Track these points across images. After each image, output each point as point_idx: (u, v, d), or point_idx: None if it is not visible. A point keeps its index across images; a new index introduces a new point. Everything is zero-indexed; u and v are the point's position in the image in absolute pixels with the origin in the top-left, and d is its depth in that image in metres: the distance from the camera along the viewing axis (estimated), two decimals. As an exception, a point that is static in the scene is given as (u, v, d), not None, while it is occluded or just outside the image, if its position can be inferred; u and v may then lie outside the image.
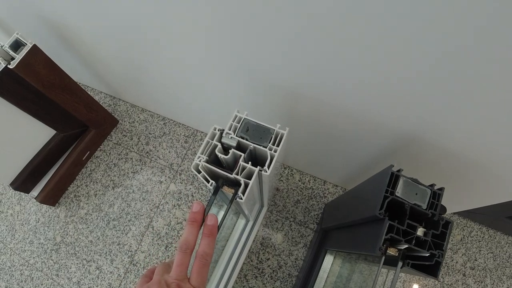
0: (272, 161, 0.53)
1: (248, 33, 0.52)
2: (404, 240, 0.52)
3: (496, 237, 1.02)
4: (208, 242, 0.37)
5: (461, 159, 0.59)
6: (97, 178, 1.04)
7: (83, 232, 1.02)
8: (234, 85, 0.69)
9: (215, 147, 0.54)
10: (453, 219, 1.00)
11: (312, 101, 0.62)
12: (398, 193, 0.54)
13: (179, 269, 0.35)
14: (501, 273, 1.01)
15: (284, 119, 0.73)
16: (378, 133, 0.62)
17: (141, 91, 0.97)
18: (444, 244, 0.53)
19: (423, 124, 0.55)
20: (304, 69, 0.54)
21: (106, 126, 1.06)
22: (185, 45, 0.63)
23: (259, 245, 0.94)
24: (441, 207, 0.60)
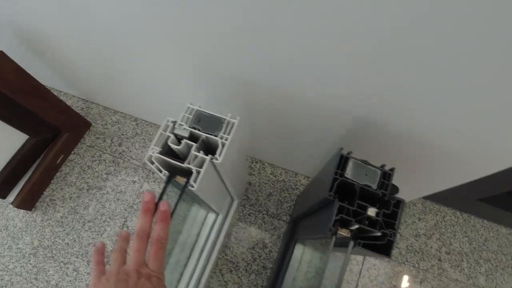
0: (223, 149, 0.54)
1: (197, 27, 0.53)
2: (355, 220, 0.52)
3: (470, 221, 1.02)
4: (162, 226, 0.38)
5: (419, 141, 0.59)
6: (72, 181, 1.05)
7: (59, 235, 1.02)
8: (195, 82, 0.70)
9: (168, 138, 0.55)
10: (426, 205, 1.01)
11: (266, 91, 0.62)
12: (347, 174, 0.55)
13: (137, 254, 0.35)
14: (478, 256, 1.01)
15: (244, 112, 0.73)
16: (334, 120, 0.63)
17: (110, 91, 0.98)
18: (396, 223, 0.53)
19: (374, 107, 0.55)
20: (251, 58, 0.55)
21: (79, 130, 1.07)
22: (145, 45, 0.63)
23: (233, 239, 0.95)
24: (392, 187, 0.61)
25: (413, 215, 1.00)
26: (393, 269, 0.95)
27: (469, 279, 0.99)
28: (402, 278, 0.94)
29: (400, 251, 0.96)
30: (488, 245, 1.03)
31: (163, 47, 0.62)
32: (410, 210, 1.00)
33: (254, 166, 1.00)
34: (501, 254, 1.04)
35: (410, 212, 1.00)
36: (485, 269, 1.01)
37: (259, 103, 0.68)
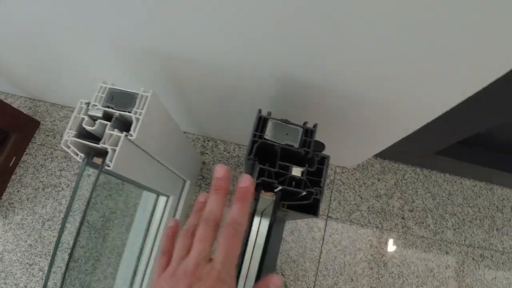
0: (137, 124, 0.52)
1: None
2: (278, 182, 0.51)
3: (432, 176, 1.02)
4: (240, 207, 0.29)
5: (348, 96, 0.57)
6: (27, 182, 1.03)
7: (21, 237, 1.01)
8: (116, 61, 0.68)
9: (83, 120, 0.53)
10: (384, 165, 0.99)
11: (185, 63, 0.60)
12: (267, 136, 0.53)
13: (201, 246, 0.28)
14: (443, 211, 1.01)
15: (169, 87, 0.71)
16: (258, 83, 0.61)
17: (52, 86, 0.95)
18: (321, 181, 0.52)
19: (296, 66, 0.52)
20: (163, 29, 0.52)
21: (28, 129, 1.04)
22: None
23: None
24: (317, 144, 0.59)
25: (372, 176, 0.98)
26: (356, 232, 0.94)
27: (436, 234, 0.99)
28: (367, 240, 0.94)
29: (362, 213, 0.95)
30: (453, 199, 1.02)
31: (81, 33, 0.60)
32: (368, 171, 0.99)
33: (207, 144, 0.99)
34: (467, 207, 1.03)
35: (369, 174, 0.99)
36: (452, 223, 1.01)
37: (182, 76, 0.66)
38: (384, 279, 0.92)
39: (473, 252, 1.00)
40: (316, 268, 0.91)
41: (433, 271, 0.96)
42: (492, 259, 1.01)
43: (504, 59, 0.38)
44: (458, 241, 1.00)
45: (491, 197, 1.06)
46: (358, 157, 0.87)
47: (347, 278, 0.91)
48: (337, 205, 0.95)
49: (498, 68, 0.40)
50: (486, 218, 1.04)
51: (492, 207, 1.05)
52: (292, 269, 0.91)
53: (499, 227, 1.04)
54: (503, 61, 0.38)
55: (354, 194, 0.97)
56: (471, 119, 0.70)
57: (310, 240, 0.93)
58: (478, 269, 0.99)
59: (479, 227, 1.03)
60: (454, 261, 0.98)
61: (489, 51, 0.37)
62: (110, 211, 0.96)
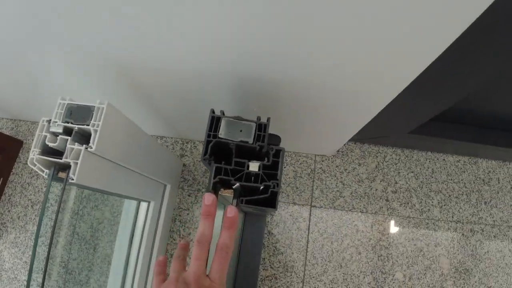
0: (96, 135, 0.53)
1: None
2: (234, 178, 0.52)
3: (413, 156, 1.02)
4: (229, 234, 0.36)
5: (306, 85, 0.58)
6: (16, 201, 1.05)
7: (17, 255, 1.04)
8: (78, 74, 0.69)
9: (45, 138, 0.55)
10: (364, 149, 1.00)
11: (143, 70, 0.61)
12: (221, 134, 0.54)
13: (198, 263, 0.34)
14: (427, 189, 1.01)
15: (133, 95, 0.72)
16: (216, 82, 0.61)
17: (30, 104, 0.97)
18: (277, 174, 0.52)
19: (248, 61, 0.53)
20: (118, 42, 0.53)
21: (12, 150, 1.07)
22: None
23: (178, 222, 0.95)
24: (272, 137, 0.60)
25: (353, 161, 0.99)
26: (341, 219, 0.95)
27: (422, 213, 0.99)
28: (352, 226, 0.94)
29: (345, 199, 0.96)
30: (437, 176, 1.02)
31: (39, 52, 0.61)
32: (348, 157, 0.99)
33: (185, 146, 1.00)
34: (452, 183, 1.03)
35: (349, 159, 0.99)
36: (438, 200, 1.01)
37: (143, 84, 0.67)
38: (373, 262, 0.93)
39: (462, 227, 1.00)
40: (304, 258, 0.92)
41: (423, 250, 0.96)
42: (482, 233, 1.01)
43: (454, 28, 0.37)
44: (446, 218, 1.00)
45: (476, 170, 1.06)
46: (334, 144, 0.87)
47: (336, 265, 0.92)
48: (320, 193, 0.96)
49: (447, 37, 0.39)
50: (472, 192, 1.04)
51: (478, 181, 1.05)
52: (281, 261, 0.92)
53: (487, 200, 1.04)
54: (451, 31, 0.38)
55: (336, 181, 0.97)
56: (435, 95, 0.70)
57: (295, 231, 0.93)
58: (469, 245, 0.99)
59: (466, 202, 1.02)
60: (444, 239, 0.98)
61: (438, 19, 0.36)
62: (97, 222, 0.98)
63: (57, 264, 1.00)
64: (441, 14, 0.35)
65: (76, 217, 0.99)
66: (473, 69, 0.62)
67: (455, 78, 0.65)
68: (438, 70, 0.49)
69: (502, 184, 1.06)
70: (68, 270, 0.99)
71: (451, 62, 0.57)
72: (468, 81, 0.66)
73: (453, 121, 0.95)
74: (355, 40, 0.42)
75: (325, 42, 0.44)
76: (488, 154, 1.05)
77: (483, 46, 0.55)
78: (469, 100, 0.84)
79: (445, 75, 0.63)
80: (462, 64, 0.60)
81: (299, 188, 0.96)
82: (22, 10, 0.49)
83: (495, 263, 0.99)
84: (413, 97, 0.68)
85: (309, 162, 0.98)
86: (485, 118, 0.95)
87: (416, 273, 0.94)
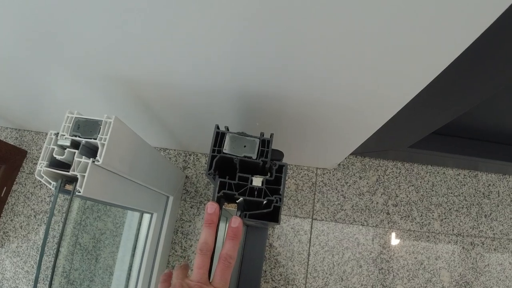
0: (103, 149, 0.54)
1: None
2: (238, 193, 0.52)
3: (414, 169, 1.03)
4: (233, 244, 0.36)
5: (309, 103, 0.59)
6: (19, 210, 1.06)
7: (18, 264, 1.04)
8: (89, 90, 0.70)
9: (53, 150, 0.56)
10: (365, 162, 1.01)
11: (149, 85, 0.62)
12: (226, 149, 0.55)
13: (201, 271, 0.34)
14: (428, 202, 1.02)
15: (140, 108, 0.73)
16: (223, 99, 0.62)
17: (34, 114, 0.98)
18: (280, 188, 0.53)
19: (251, 78, 0.54)
20: (125, 58, 0.54)
21: (16, 159, 1.07)
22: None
23: (180, 234, 0.96)
24: (274, 153, 0.61)
25: (353, 175, 1.00)
26: (342, 231, 0.95)
27: (423, 227, 0.99)
28: (353, 239, 0.95)
29: (346, 212, 0.97)
30: (437, 190, 1.03)
31: (46, 68, 0.62)
32: (349, 170, 1.00)
33: (188, 159, 1.01)
34: (452, 196, 1.04)
35: (350, 172, 1.00)
36: (438, 214, 1.01)
37: (149, 99, 0.68)
38: (374, 275, 0.93)
39: (463, 240, 1.01)
40: (306, 271, 0.92)
41: (423, 264, 0.97)
42: (483, 246, 1.02)
43: (456, 45, 0.38)
44: (446, 231, 1.00)
45: (476, 184, 1.06)
46: (335, 158, 0.88)
47: (337, 278, 0.92)
48: (321, 206, 0.97)
49: (448, 54, 0.40)
50: (473, 205, 1.04)
51: (478, 194, 1.06)
52: (282, 274, 0.92)
53: (487, 213, 1.05)
54: (453, 48, 0.39)
55: (337, 194, 0.98)
56: (436, 110, 0.71)
57: (297, 244, 0.94)
58: (469, 257, 1.00)
59: (466, 215, 1.03)
60: (444, 252, 0.98)
61: (441, 34, 0.37)
62: (100, 232, 0.98)
63: (59, 274, 1.00)
64: (443, 31, 0.36)
65: (79, 227, 1.00)
66: (475, 85, 0.63)
67: (456, 93, 0.66)
68: (438, 85, 0.51)
69: (502, 197, 1.07)
70: (70, 280, 0.99)
71: (452, 77, 0.58)
72: (469, 96, 0.67)
73: (453, 135, 0.96)
74: (359, 59, 0.44)
75: (329, 61, 0.45)
76: (488, 168, 1.06)
77: (485, 62, 0.56)
78: (470, 114, 0.86)
79: (446, 90, 0.64)
80: (464, 80, 0.61)
81: (300, 201, 0.97)
82: (30, 29, 0.51)
83: (495, 276, 1.00)
84: (414, 112, 0.69)
85: (311, 175, 0.99)
86: (485, 132, 0.96)
87: (417, 286, 0.95)
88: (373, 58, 0.43)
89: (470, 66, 0.56)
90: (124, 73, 0.59)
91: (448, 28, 0.35)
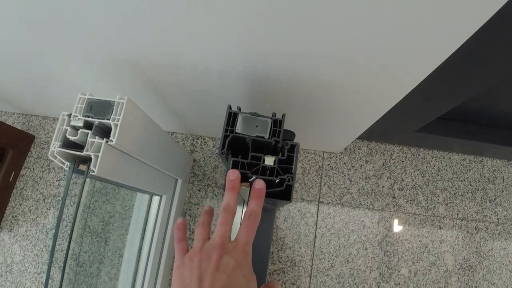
0: (116, 130, 0.55)
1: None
2: (251, 172, 0.53)
3: (419, 154, 1.03)
4: (257, 204, 0.37)
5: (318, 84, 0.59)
6: (28, 194, 1.07)
7: (28, 248, 1.05)
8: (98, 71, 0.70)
9: (66, 131, 0.56)
10: (371, 146, 1.01)
11: (158, 67, 0.62)
12: (238, 129, 0.55)
13: (223, 227, 0.35)
14: (433, 187, 1.02)
15: (149, 92, 0.73)
16: (233, 81, 0.62)
17: (42, 99, 0.98)
18: (292, 168, 0.54)
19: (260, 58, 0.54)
20: (134, 41, 0.54)
21: (24, 144, 1.08)
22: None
23: (188, 217, 0.97)
24: (287, 133, 0.61)
25: (360, 159, 1.00)
26: (348, 215, 0.96)
27: (428, 210, 1.00)
28: (359, 222, 0.96)
29: (352, 196, 0.98)
30: (442, 175, 1.04)
31: (57, 51, 0.62)
32: (356, 154, 1.01)
33: (196, 142, 1.01)
34: (457, 181, 1.04)
35: (357, 156, 1.01)
36: (443, 198, 1.02)
37: (158, 80, 0.68)
38: (379, 258, 0.95)
39: (467, 225, 1.02)
40: (312, 253, 0.94)
41: (428, 247, 0.98)
42: (487, 230, 1.03)
43: (468, 23, 0.38)
44: (451, 216, 1.01)
45: (481, 169, 1.07)
46: (342, 141, 0.89)
47: (342, 260, 0.94)
48: (328, 189, 0.98)
49: (457, 38, 0.41)
50: (477, 190, 1.05)
51: (483, 179, 1.06)
52: (289, 256, 0.93)
53: (491, 198, 1.05)
54: (462, 31, 0.39)
55: (344, 177, 0.99)
56: (443, 94, 0.71)
57: (303, 226, 0.95)
58: (473, 242, 1.01)
59: (471, 200, 1.04)
60: (448, 236, 1.00)
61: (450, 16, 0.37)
62: (109, 215, 1.00)
63: (69, 256, 1.02)
64: (454, 13, 0.36)
65: (88, 210, 1.01)
66: (482, 69, 0.63)
67: (463, 77, 0.66)
68: (446, 69, 0.51)
69: (507, 183, 1.07)
70: (79, 262, 1.00)
71: (459, 61, 0.58)
72: (476, 81, 0.68)
73: (460, 120, 0.96)
74: (369, 41, 0.44)
75: (339, 43, 0.45)
76: (494, 153, 1.07)
77: (494, 46, 0.56)
78: (476, 99, 0.86)
79: (453, 75, 0.64)
80: (471, 64, 0.61)
81: (307, 184, 0.98)
82: (39, 12, 0.51)
83: (499, 261, 1.01)
84: (421, 96, 0.69)
85: (317, 159, 1.00)
86: (491, 117, 0.97)
87: (421, 269, 0.96)
88: (384, 39, 0.43)
89: (479, 50, 0.56)
90: (133, 55, 0.59)
91: (460, 7, 0.35)
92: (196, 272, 0.31)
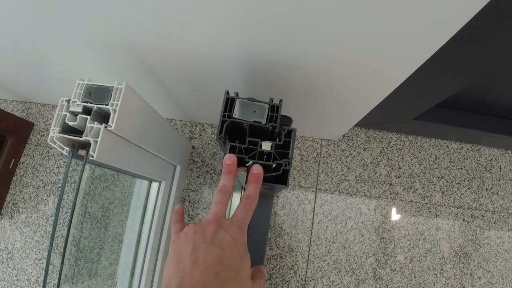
0: (115, 115, 0.55)
1: None
2: (248, 156, 0.54)
3: (417, 142, 1.04)
4: (254, 187, 0.38)
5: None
6: (28, 182, 1.08)
7: (28, 234, 1.06)
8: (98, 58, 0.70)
9: (65, 117, 0.57)
10: (369, 134, 1.02)
11: (157, 53, 0.62)
12: (235, 115, 0.56)
13: (218, 206, 0.35)
14: (430, 175, 1.03)
15: (148, 78, 0.73)
16: (231, 67, 0.63)
17: (40, 86, 0.99)
18: (289, 153, 0.54)
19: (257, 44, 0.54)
20: (134, 28, 0.54)
21: (23, 132, 1.09)
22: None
23: (187, 203, 0.98)
24: (284, 118, 0.61)
25: (358, 146, 1.01)
26: (345, 201, 0.97)
27: (424, 198, 1.01)
28: (356, 208, 0.97)
29: (350, 183, 0.98)
30: (440, 163, 1.04)
31: (56, 37, 0.62)
32: (354, 142, 1.01)
33: (194, 129, 1.02)
34: (454, 169, 1.05)
35: (354, 144, 1.01)
36: (440, 186, 1.03)
37: (157, 67, 0.68)
38: (375, 244, 0.96)
39: (463, 213, 1.03)
40: (309, 239, 0.95)
41: (424, 234, 0.99)
42: (483, 219, 1.04)
43: (467, 6, 0.38)
44: (447, 203, 1.02)
45: (478, 158, 1.08)
46: (340, 129, 0.89)
47: (339, 246, 0.95)
48: (325, 176, 0.98)
49: (455, 23, 0.41)
50: (474, 179, 1.06)
51: (480, 168, 1.07)
52: (286, 241, 0.94)
53: (488, 187, 1.06)
54: (460, 16, 0.39)
55: (341, 165, 1.00)
56: (440, 81, 0.71)
57: (301, 212, 0.96)
58: (469, 230, 1.02)
59: (468, 189, 1.05)
60: (445, 223, 1.01)
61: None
62: (108, 202, 1.01)
63: (69, 242, 1.03)
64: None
65: (88, 197, 1.02)
66: (481, 56, 0.63)
67: (462, 64, 0.66)
68: (443, 56, 0.51)
69: (504, 172, 1.08)
70: (80, 248, 1.02)
71: (457, 48, 0.58)
72: (475, 68, 0.68)
73: (458, 108, 0.96)
74: (366, 27, 0.44)
75: (336, 28, 0.45)
76: (491, 142, 1.07)
77: (493, 33, 0.56)
78: (474, 88, 0.86)
79: (451, 62, 0.64)
80: (470, 51, 0.61)
81: (305, 171, 0.99)
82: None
83: (494, 249, 1.02)
84: (418, 83, 0.70)
85: (315, 146, 1.00)
86: (489, 106, 0.97)
87: (417, 255, 0.97)
88: (379, 26, 0.43)
89: (476, 37, 0.56)
90: (133, 42, 0.59)
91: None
92: (190, 244, 0.31)
